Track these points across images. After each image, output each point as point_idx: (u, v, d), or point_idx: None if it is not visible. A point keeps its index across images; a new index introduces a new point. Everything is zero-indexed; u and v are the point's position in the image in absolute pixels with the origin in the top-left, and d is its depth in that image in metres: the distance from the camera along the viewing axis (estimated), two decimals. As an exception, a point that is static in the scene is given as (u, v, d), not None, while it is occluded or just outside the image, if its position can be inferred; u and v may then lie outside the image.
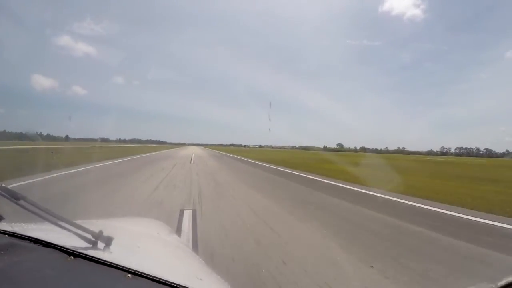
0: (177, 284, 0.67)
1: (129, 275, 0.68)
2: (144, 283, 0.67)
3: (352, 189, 7.08)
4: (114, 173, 9.43)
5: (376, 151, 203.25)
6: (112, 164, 12.83)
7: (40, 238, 0.80)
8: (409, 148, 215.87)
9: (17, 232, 0.84)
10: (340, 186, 7.72)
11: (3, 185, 0.77)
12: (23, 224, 0.93)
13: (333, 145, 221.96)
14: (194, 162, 15.18)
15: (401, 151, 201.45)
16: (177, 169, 10.98)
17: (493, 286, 0.39)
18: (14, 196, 0.76)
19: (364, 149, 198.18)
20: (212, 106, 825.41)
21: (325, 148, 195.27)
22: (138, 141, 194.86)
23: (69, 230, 0.77)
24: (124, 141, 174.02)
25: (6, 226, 0.87)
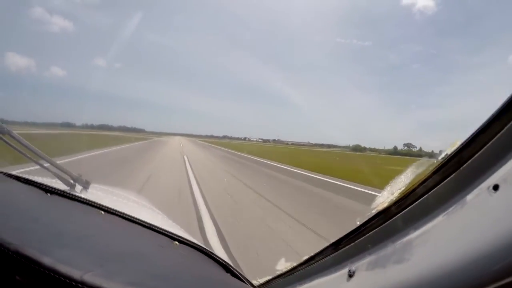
0: (147, 223, 0.73)
1: (102, 211, 0.74)
2: (116, 219, 0.73)
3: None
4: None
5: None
6: None
7: (20, 175, 0.83)
8: None
9: None
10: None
11: None
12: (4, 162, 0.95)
13: (395, 145, 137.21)
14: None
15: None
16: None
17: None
18: None
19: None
20: (204, 95, 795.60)
21: (396, 151, 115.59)
22: (109, 128, 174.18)
23: (50, 170, 0.82)
24: (92, 127, 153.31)
25: None
